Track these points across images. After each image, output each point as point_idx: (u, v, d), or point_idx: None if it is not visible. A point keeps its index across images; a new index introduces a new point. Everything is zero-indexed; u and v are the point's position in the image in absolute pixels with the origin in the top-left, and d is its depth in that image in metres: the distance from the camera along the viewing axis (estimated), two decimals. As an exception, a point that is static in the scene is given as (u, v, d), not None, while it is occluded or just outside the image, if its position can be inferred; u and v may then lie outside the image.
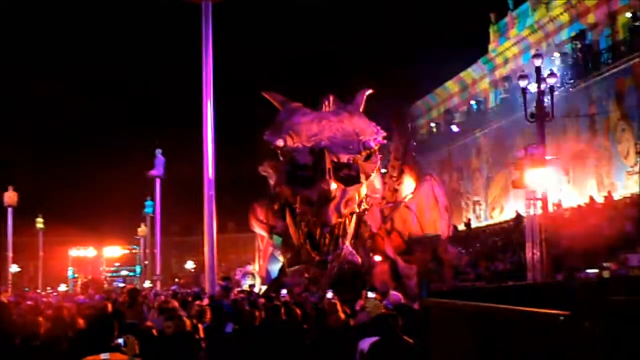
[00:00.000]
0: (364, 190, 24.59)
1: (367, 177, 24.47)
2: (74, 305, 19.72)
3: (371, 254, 26.22)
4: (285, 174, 24.04)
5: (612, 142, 42.38)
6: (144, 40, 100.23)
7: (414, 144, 31.98)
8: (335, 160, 23.10)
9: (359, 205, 24.76)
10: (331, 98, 27.10)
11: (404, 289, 24.17)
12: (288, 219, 25.53)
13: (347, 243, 24.77)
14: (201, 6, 27.45)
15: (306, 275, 26.77)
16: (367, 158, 24.46)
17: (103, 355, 9.44)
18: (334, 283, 24.11)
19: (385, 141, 26.34)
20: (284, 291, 26.93)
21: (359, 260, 24.86)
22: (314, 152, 23.34)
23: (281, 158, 24.73)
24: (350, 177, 23.16)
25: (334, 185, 22.32)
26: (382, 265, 25.29)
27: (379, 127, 25.82)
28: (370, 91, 27.31)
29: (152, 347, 12.42)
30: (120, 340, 10.06)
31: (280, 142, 23.96)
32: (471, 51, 63.66)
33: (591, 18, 48.02)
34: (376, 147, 25.26)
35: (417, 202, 28.06)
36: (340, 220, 23.44)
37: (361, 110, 26.59)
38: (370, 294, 17.92)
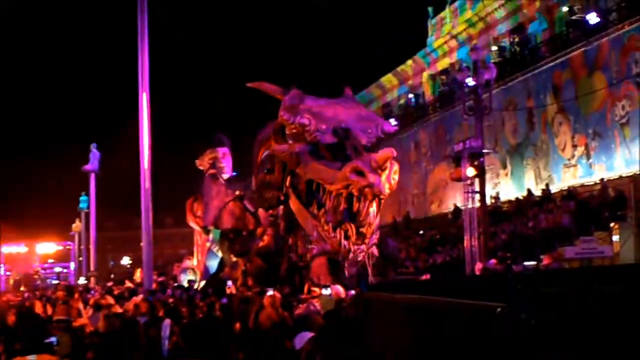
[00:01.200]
0: None
1: None
2: (3, 303, 19.41)
3: (309, 247, 25.85)
4: (308, 155, 23.29)
5: (550, 135, 42.72)
6: (78, 33, 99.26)
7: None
8: (357, 142, 22.67)
9: None
10: (294, 89, 26.48)
11: (341, 282, 24.08)
12: (296, 206, 24.84)
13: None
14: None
15: (243, 269, 26.53)
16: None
17: (30, 357, 9.21)
18: (271, 277, 23.92)
19: (396, 128, 26.14)
20: (229, 282, 26.74)
21: (377, 253, 24.45)
22: (337, 133, 22.80)
23: (290, 141, 23.94)
24: None
25: (391, 153, 21.79)
26: (319, 258, 25.03)
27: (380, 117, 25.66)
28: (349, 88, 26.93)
29: (86, 343, 12.24)
30: (53, 339, 9.85)
31: (305, 121, 23.26)
32: (409, 45, 63.97)
33: (528, 12, 48.42)
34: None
35: None
36: (388, 193, 22.76)
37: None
38: (325, 291, 17.77)
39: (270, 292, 19.00)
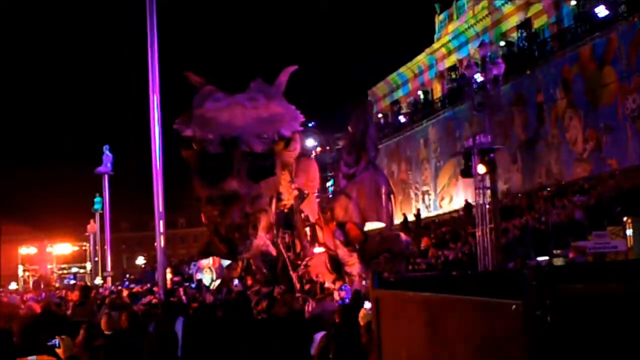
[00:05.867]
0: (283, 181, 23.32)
1: (286, 166, 23.18)
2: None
3: (309, 245, 25.64)
4: (196, 166, 22.51)
5: (560, 129, 42.67)
6: (90, 36, 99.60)
7: (373, 130, 30.96)
8: (248, 150, 21.69)
9: (277, 199, 23.32)
10: (259, 81, 25.43)
11: (343, 279, 24.09)
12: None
13: (262, 234, 23.35)
14: (146, 1, 27.23)
15: (240, 268, 26.47)
16: (287, 145, 22.94)
17: (30, 358, 9.31)
18: (268, 275, 23.87)
19: (301, 128, 24.43)
20: (235, 281, 26.78)
21: (274, 251, 24.01)
22: (225, 142, 21.82)
23: (195, 147, 23.10)
24: (264, 169, 21.81)
25: (235, 185, 21.03)
26: (319, 256, 24.97)
27: (298, 112, 23.98)
28: (295, 67, 25.68)
29: (102, 343, 12.34)
30: (55, 341, 9.90)
31: (189, 132, 22.26)
32: (417, 41, 64.00)
33: (536, 7, 48.36)
34: (296, 134, 23.64)
35: (358, 190, 27.39)
36: (246, 220, 22.00)
37: (283, 90, 24.87)
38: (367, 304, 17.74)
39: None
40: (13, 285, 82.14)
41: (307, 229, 26.01)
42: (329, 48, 78.87)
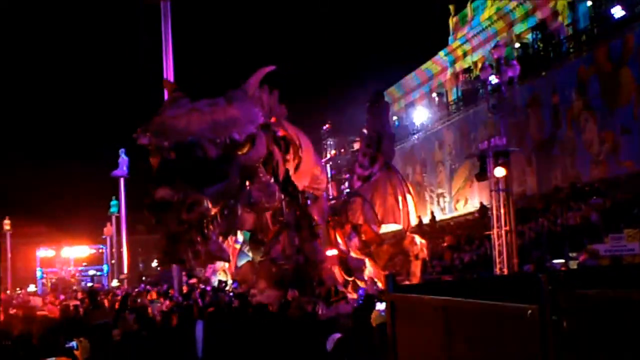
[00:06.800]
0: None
1: (247, 169, 22.61)
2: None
3: (320, 248, 25.44)
4: (153, 173, 22.17)
5: (576, 131, 42.52)
6: (106, 40, 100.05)
7: (390, 128, 30.75)
8: (202, 155, 21.34)
9: (248, 202, 22.76)
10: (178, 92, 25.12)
11: (356, 283, 24.07)
12: None
13: (218, 241, 22.78)
14: (160, 6, 27.38)
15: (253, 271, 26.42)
16: (253, 147, 22.46)
17: None
18: (280, 279, 23.85)
19: (254, 130, 23.62)
20: (235, 283, 26.78)
21: (228, 256, 23.68)
22: (179, 148, 21.48)
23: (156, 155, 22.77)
24: (217, 173, 21.41)
25: (166, 193, 20.65)
26: (331, 259, 24.87)
27: (259, 114, 23.26)
28: (271, 68, 25.14)
29: (119, 345, 12.43)
30: (73, 344, 10.00)
31: (144, 140, 21.95)
32: (432, 44, 63.95)
33: (551, 7, 48.23)
34: (263, 137, 23.03)
35: (373, 191, 27.26)
36: (183, 226, 21.58)
37: (250, 92, 24.28)
38: (379, 306, 17.75)
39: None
40: (32, 288, 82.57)
41: (320, 232, 25.94)
42: (343, 51, 78.89)
